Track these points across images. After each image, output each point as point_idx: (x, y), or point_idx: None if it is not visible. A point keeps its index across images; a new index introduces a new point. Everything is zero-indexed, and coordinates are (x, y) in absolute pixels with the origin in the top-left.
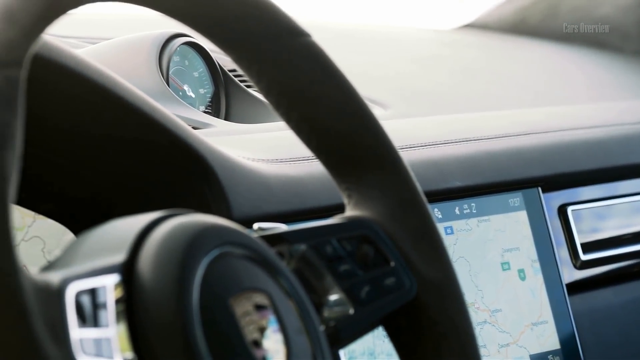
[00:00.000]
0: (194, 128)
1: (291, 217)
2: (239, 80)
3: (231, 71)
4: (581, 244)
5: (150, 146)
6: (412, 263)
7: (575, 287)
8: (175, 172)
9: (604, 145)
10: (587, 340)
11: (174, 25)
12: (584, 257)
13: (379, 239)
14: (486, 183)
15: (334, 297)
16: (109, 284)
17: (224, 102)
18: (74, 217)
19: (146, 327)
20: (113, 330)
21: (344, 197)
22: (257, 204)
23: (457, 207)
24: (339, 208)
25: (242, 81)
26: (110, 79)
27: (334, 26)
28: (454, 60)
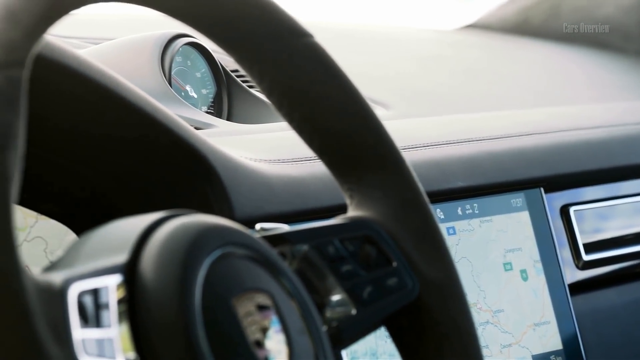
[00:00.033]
0: (196, 128)
1: (293, 217)
2: (241, 80)
3: (233, 71)
4: (583, 244)
5: (153, 146)
6: (414, 263)
7: (578, 288)
8: (178, 172)
9: (606, 145)
10: (589, 340)
11: (176, 26)
12: (586, 257)
13: (381, 240)
14: (488, 183)
15: (336, 297)
16: (111, 284)
17: (226, 102)
18: (76, 218)
19: (148, 327)
20: (115, 331)
21: (346, 198)
22: (259, 204)
23: (459, 207)
24: (341, 208)
25: (244, 81)
26: (113, 79)
27: (336, 26)
28: (456, 61)
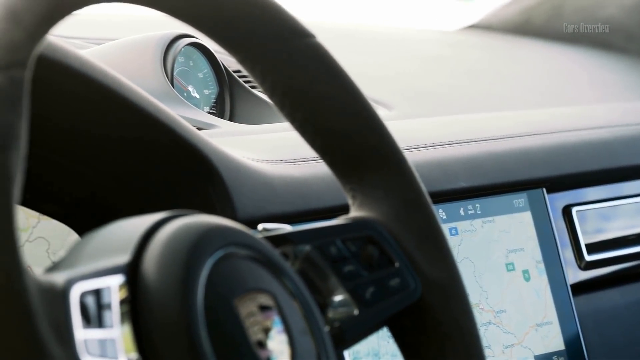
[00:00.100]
0: (199, 129)
1: (295, 217)
2: (243, 81)
3: (236, 72)
4: (586, 244)
5: (155, 147)
6: (416, 264)
7: (580, 288)
8: (180, 172)
9: (608, 146)
10: (591, 341)
11: (178, 26)
12: (588, 257)
13: (383, 240)
14: (491, 184)
15: (338, 297)
16: (114, 285)
17: (228, 102)
18: (78, 218)
19: (151, 327)
20: (117, 331)
21: (348, 198)
22: (261, 204)
23: (461, 207)
24: (343, 209)
25: (246, 82)
26: (115, 79)
27: (338, 27)
28: (459, 61)
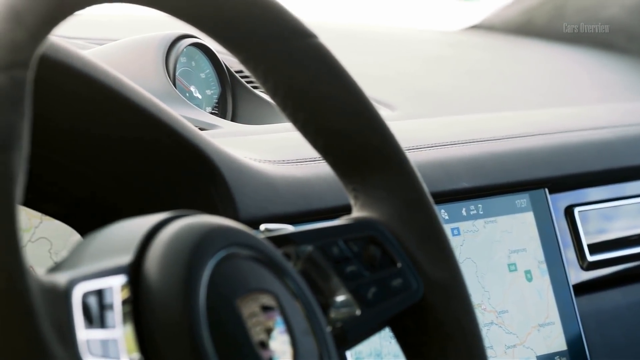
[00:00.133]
0: (201, 129)
1: (298, 218)
2: (245, 81)
3: (238, 72)
4: (588, 245)
5: (157, 147)
6: (418, 264)
7: (582, 288)
8: (182, 173)
9: (610, 146)
10: (594, 341)
11: (180, 27)
12: (590, 258)
13: (385, 240)
14: (493, 184)
15: (340, 298)
16: (116, 285)
17: (230, 103)
18: (80, 218)
19: (153, 328)
20: (120, 331)
21: (350, 198)
22: (263, 205)
23: (463, 208)
24: (345, 209)
25: (248, 82)
26: (117, 80)
27: (341, 27)
28: (461, 61)
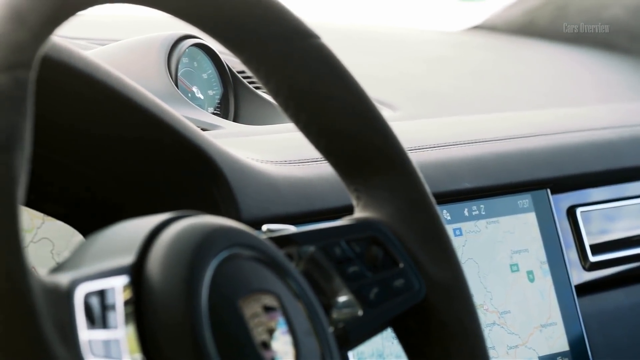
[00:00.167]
0: (203, 129)
1: (300, 218)
2: (247, 81)
3: (240, 73)
4: (590, 245)
5: (159, 147)
6: (421, 264)
7: (584, 289)
8: (184, 173)
9: (613, 146)
10: (596, 342)
11: (182, 27)
12: (593, 258)
13: (387, 241)
14: (495, 184)
15: (342, 298)
16: (118, 286)
17: (232, 103)
18: (82, 219)
19: (155, 328)
20: (122, 332)
21: (352, 199)
22: (265, 205)
23: (466, 208)
24: (347, 209)
25: (250, 83)
26: (119, 80)
27: (343, 27)
28: (463, 62)
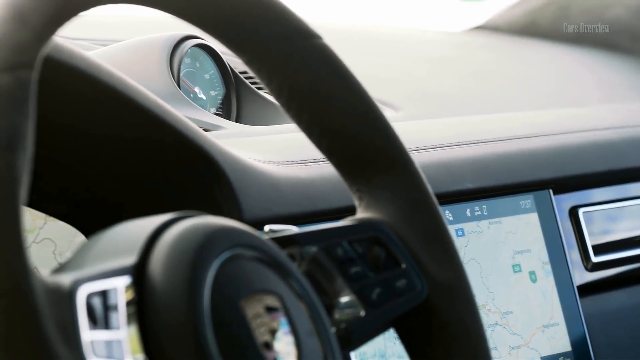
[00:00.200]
0: (205, 130)
1: (302, 219)
2: (249, 82)
3: (242, 73)
4: (592, 246)
5: (161, 148)
6: (423, 265)
7: (587, 289)
8: (186, 174)
9: (615, 147)
10: (598, 342)
11: (185, 27)
12: (595, 259)
13: (390, 241)
14: (497, 185)
15: (345, 299)
16: (120, 286)
17: (234, 104)
18: (85, 220)
19: (157, 329)
20: (124, 332)
21: (355, 199)
22: (268, 206)
23: (468, 209)
24: (350, 210)
25: (253, 83)
26: (121, 80)
27: (345, 28)
28: (465, 62)
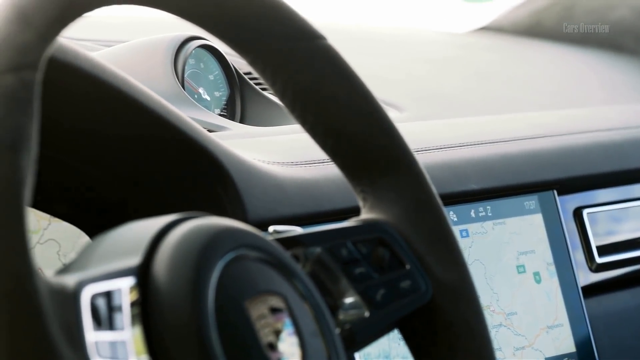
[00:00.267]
0: (209, 131)
1: (306, 219)
2: (254, 83)
3: (246, 74)
4: (597, 246)
5: (165, 149)
6: (427, 266)
7: (591, 290)
8: (191, 174)
9: (619, 147)
10: (602, 343)
11: (189, 28)
12: (599, 260)
13: (394, 242)
14: (502, 186)
15: (349, 299)
16: (124, 287)
17: (239, 104)
18: (89, 220)
19: (161, 329)
20: (128, 333)
21: (359, 200)
22: (272, 206)
23: (472, 209)
24: (354, 211)
25: (257, 84)
26: (126, 81)
27: (349, 28)
28: (469, 63)
